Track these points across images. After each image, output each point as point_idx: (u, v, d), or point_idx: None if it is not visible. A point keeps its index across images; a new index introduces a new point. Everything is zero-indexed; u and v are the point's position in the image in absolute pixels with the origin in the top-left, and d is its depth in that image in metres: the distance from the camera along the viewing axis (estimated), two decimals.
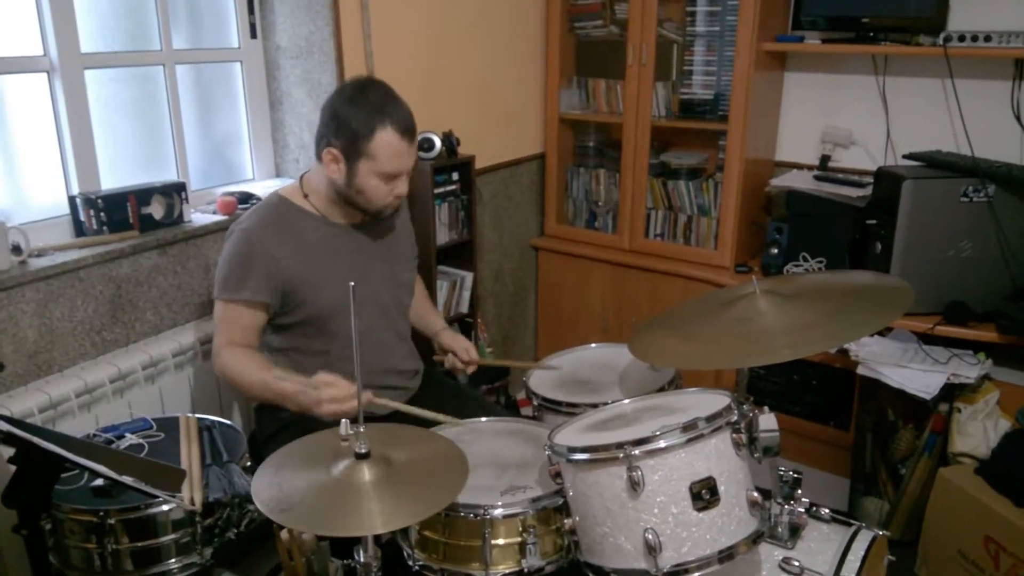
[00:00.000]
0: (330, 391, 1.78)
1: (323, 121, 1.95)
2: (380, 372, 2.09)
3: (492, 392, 3.26)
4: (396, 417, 2.02)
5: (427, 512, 1.37)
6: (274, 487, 1.40)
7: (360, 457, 1.41)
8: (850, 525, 1.72)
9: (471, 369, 2.26)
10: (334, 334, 2.02)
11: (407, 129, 1.92)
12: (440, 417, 1.89)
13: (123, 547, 1.62)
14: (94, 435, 1.90)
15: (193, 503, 1.65)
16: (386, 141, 1.89)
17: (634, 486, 1.40)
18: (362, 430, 1.43)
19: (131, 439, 1.88)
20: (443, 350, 2.30)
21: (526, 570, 1.57)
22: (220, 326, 1.98)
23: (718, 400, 1.55)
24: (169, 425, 1.96)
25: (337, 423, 1.48)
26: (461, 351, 2.25)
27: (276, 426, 2.02)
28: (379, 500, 1.36)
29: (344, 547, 1.58)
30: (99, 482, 1.66)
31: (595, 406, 1.79)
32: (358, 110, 1.89)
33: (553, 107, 3.60)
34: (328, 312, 2.00)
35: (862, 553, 1.62)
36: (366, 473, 1.40)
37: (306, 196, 2.04)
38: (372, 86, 1.95)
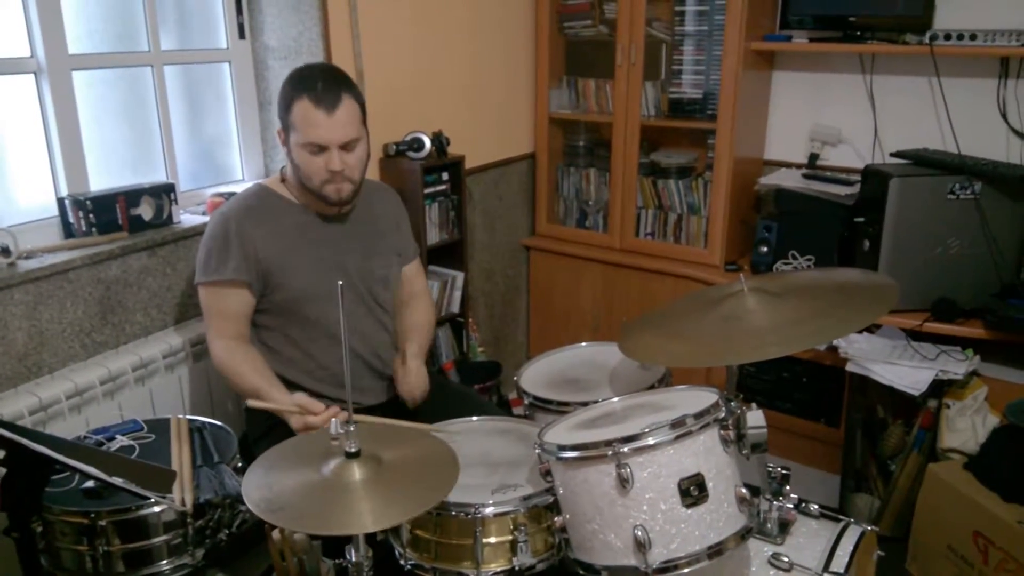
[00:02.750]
0: (308, 420, 1.85)
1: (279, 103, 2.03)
2: (362, 358, 2.12)
3: (484, 391, 3.26)
4: (386, 410, 2.03)
5: (418, 510, 1.37)
6: (264, 487, 1.40)
7: (350, 456, 1.41)
8: (839, 521, 1.73)
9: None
10: (306, 320, 2.04)
11: (322, 99, 1.92)
12: (416, 427, 1.87)
13: (114, 549, 1.62)
14: (84, 437, 1.89)
15: (184, 504, 1.64)
16: (302, 111, 1.93)
17: (623, 483, 1.41)
18: (352, 429, 1.44)
19: (122, 441, 1.88)
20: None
21: (517, 568, 1.57)
22: (208, 315, 2.01)
23: (706, 397, 1.56)
24: (160, 427, 1.95)
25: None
26: (399, 368, 2.11)
27: (266, 426, 2.02)
28: (370, 499, 1.36)
29: (336, 547, 1.58)
30: (90, 484, 1.66)
31: (585, 404, 1.80)
32: (285, 87, 1.98)
33: (543, 107, 3.60)
34: (301, 297, 2.03)
35: (851, 548, 1.63)
36: (356, 472, 1.40)
37: (283, 182, 2.11)
38: (311, 65, 2.07)
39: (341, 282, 1.44)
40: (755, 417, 1.55)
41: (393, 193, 2.33)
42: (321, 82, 1.94)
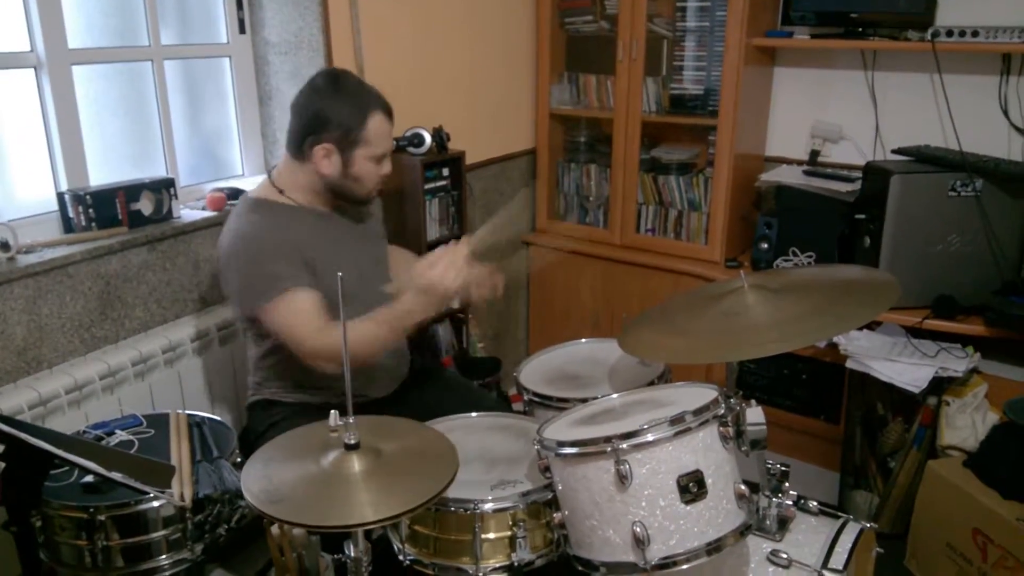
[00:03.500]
0: (442, 265, 1.84)
1: (303, 120, 1.96)
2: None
3: (484, 387, 3.26)
4: (387, 407, 2.03)
5: (417, 501, 1.37)
6: (264, 479, 1.40)
7: (349, 448, 1.42)
8: (838, 517, 1.73)
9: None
10: (351, 315, 1.99)
11: (390, 110, 2.00)
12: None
13: (113, 543, 1.62)
14: (84, 432, 1.90)
15: (183, 499, 1.65)
16: (377, 125, 1.96)
17: (622, 479, 1.41)
18: (351, 421, 1.44)
19: (121, 436, 1.88)
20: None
21: (516, 564, 1.58)
22: (295, 323, 1.88)
23: (706, 394, 1.56)
24: (159, 422, 1.96)
25: (325, 416, 1.47)
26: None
27: (267, 423, 2.02)
28: (369, 490, 1.36)
29: (335, 542, 1.58)
30: (89, 479, 1.66)
31: (585, 401, 1.80)
32: (344, 103, 1.93)
33: (544, 102, 3.60)
34: (333, 295, 1.99)
35: (849, 545, 1.63)
36: (356, 464, 1.40)
37: (282, 193, 2.03)
38: (343, 76, 2.01)
39: (341, 273, 1.44)
40: (754, 414, 1.55)
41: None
42: (374, 91, 1.98)
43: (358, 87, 1.99)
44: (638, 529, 1.40)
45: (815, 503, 1.75)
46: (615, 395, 1.77)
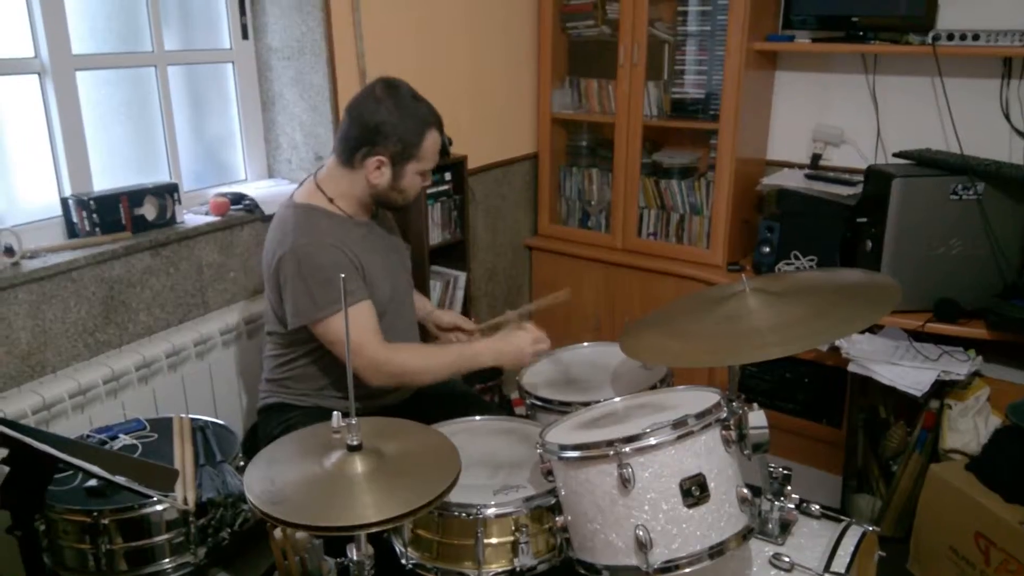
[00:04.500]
0: (535, 336, 2.02)
1: (363, 129, 1.96)
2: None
3: (486, 391, 3.27)
4: (404, 411, 2.05)
5: (420, 502, 1.37)
6: (267, 480, 1.40)
7: (352, 449, 1.42)
8: (840, 521, 1.73)
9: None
10: (386, 326, 2.02)
11: (442, 125, 2.06)
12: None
13: (117, 547, 1.63)
14: (88, 436, 1.90)
15: (186, 503, 1.65)
16: (432, 142, 2.02)
17: (625, 483, 1.41)
18: (354, 423, 1.44)
19: (124, 440, 1.89)
20: (443, 328, 2.36)
21: (518, 569, 1.58)
22: (363, 333, 1.91)
23: (708, 397, 1.56)
24: (162, 426, 1.96)
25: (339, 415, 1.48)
26: (464, 323, 2.35)
27: (283, 427, 2.01)
28: (372, 492, 1.36)
29: (338, 546, 1.58)
30: (93, 483, 1.66)
31: (587, 404, 1.80)
32: (404, 118, 1.97)
33: (545, 107, 3.60)
34: (383, 305, 2.03)
35: (852, 549, 1.63)
36: (358, 465, 1.40)
37: (332, 202, 2.03)
38: (403, 89, 2.01)
39: (344, 275, 1.44)
40: (757, 417, 1.55)
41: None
42: (431, 107, 2.03)
43: (417, 102, 2.01)
44: (641, 533, 1.40)
45: (817, 507, 1.75)
46: (617, 399, 1.77)
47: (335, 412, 1.46)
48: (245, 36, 2.67)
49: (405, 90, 2.02)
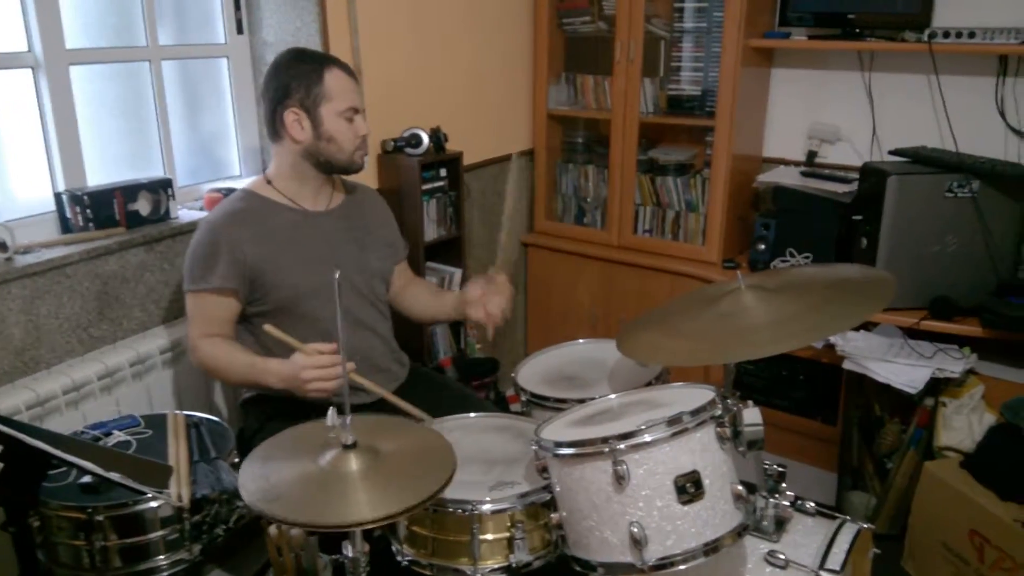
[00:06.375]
0: (312, 361, 1.81)
1: (271, 95, 2.04)
2: (362, 353, 2.10)
3: (482, 388, 3.27)
4: (383, 407, 2.03)
5: (415, 500, 1.37)
6: (261, 478, 1.40)
7: (347, 447, 1.42)
8: (835, 518, 1.73)
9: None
10: (303, 317, 2.03)
11: (345, 68, 2.07)
12: (417, 412, 1.93)
13: (111, 544, 1.62)
14: (81, 432, 1.89)
15: (181, 499, 1.65)
16: (335, 78, 2.03)
17: (619, 480, 1.41)
18: (348, 421, 1.44)
19: (119, 436, 1.88)
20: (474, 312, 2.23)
21: (514, 565, 1.57)
22: (194, 319, 2.01)
23: (703, 394, 1.56)
24: (157, 422, 1.95)
25: (323, 412, 1.48)
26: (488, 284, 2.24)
27: (262, 420, 2.02)
28: (366, 490, 1.36)
29: (333, 543, 1.58)
30: (87, 479, 1.65)
31: (582, 401, 1.80)
32: (302, 64, 2.02)
33: (541, 103, 3.60)
34: (296, 295, 2.03)
35: (847, 546, 1.63)
36: (353, 463, 1.40)
37: (270, 183, 2.10)
38: (301, 48, 2.12)
39: (338, 272, 1.44)
40: (752, 414, 1.55)
41: (378, 195, 2.38)
42: (333, 55, 2.10)
43: (314, 52, 2.08)
44: (635, 530, 1.40)
45: (812, 504, 1.75)
46: (613, 396, 1.77)
47: (330, 409, 1.46)
48: (240, 31, 2.66)
49: (303, 49, 2.11)
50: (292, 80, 2.00)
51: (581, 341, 2.33)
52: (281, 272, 2.01)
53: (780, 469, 1.71)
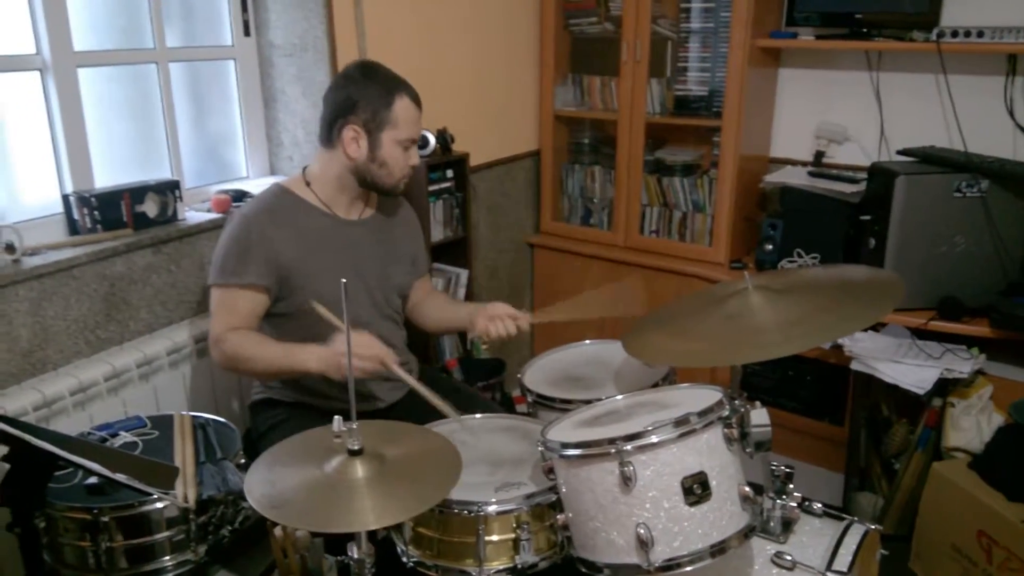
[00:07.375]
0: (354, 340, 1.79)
1: (335, 104, 2.00)
2: None
3: (488, 389, 3.26)
4: (400, 413, 2.03)
5: (420, 508, 1.37)
6: (267, 484, 1.40)
7: (353, 454, 1.41)
8: (842, 519, 1.72)
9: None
10: (320, 321, 2.01)
11: (418, 98, 2.05)
12: (443, 407, 1.90)
13: (117, 545, 1.62)
14: (88, 433, 1.90)
15: (187, 500, 1.65)
16: (405, 108, 2.00)
17: (626, 481, 1.40)
18: (355, 427, 1.44)
19: (125, 437, 1.88)
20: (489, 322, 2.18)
21: (520, 566, 1.57)
22: (220, 312, 1.98)
23: (710, 395, 1.56)
24: (163, 423, 1.96)
25: (330, 416, 1.47)
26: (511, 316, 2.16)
27: (270, 423, 2.02)
28: (372, 496, 1.36)
29: (338, 544, 1.58)
30: (93, 480, 1.66)
31: (589, 402, 1.80)
32: (374, 85, 1.99)
33: (548, 104, 3.60)
34: (320, 301, 2.00)
35: (854, 547, 1.63)
36: (359, 469, 1.40)
37: (308, 185, 2.07)
38: (375, 65, 2.06)
39: (345, 280, 1.44)
40: (759, 415, 1.55)
41: (412, 210, 2.36)
42: (405, 80, 2.04)
43: (387, 73, 2.04)
44: (642, 531, 1.40)
45: (819, 505, 1.75)
46: (619, 397, 1.77)
47: (336, 416, 1.46)
48: (247, 33, 2.66)
49: (377, 66, 2.05)
50: (361, 98, 1.97)
51: (587, 342, 2.33)
52: (307, 277, 2.00)
53: (787, 470, 1.70)
